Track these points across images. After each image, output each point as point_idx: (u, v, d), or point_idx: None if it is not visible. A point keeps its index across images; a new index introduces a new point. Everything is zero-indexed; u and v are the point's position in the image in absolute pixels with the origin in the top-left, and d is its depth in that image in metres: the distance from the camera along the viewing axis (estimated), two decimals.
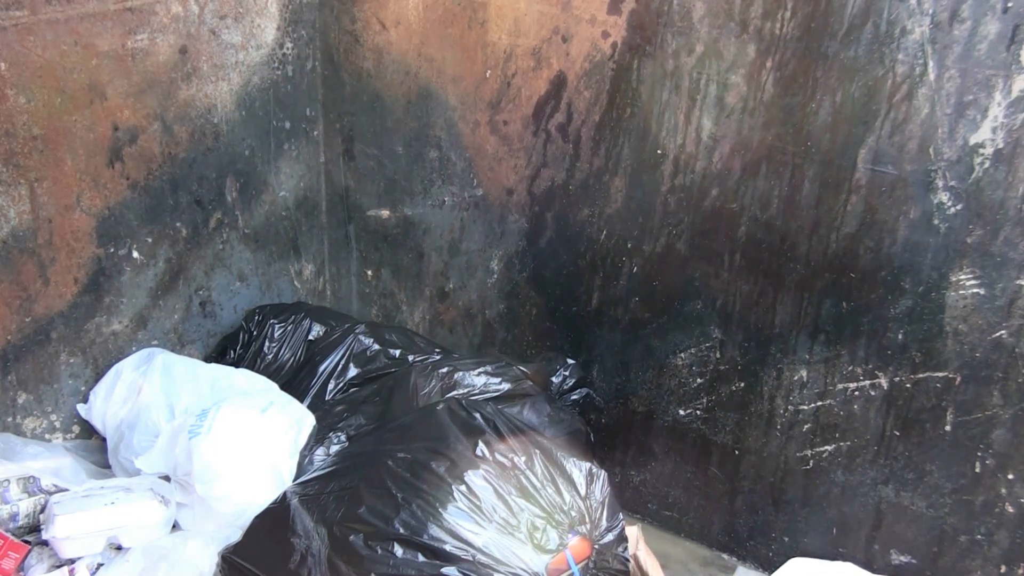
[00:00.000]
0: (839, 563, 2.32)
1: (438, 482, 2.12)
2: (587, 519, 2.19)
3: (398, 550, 2.03)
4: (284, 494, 2.30)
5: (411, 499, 2.09)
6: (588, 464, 2.25)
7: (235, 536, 2.23)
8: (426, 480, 2.13)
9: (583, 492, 2.21)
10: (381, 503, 2.11)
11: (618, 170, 2.65)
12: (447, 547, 2.03)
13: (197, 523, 2.34)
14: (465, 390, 2.68)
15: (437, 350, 2.90)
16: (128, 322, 2.71)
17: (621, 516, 2.28)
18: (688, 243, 2.60)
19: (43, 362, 2.53)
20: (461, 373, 2.72)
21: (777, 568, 2.64)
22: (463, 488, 2.10)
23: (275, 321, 2.91)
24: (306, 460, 2.47)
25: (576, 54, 2.61)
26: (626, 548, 2.26)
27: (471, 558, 2.01)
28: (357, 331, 2.89)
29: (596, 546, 2.19)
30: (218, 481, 2.31)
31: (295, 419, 2.50)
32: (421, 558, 2.02)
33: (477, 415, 2.32)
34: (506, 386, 2.73)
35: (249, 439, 2.37)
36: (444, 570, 1.99)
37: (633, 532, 2.45)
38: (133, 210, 2.63)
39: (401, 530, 2.04)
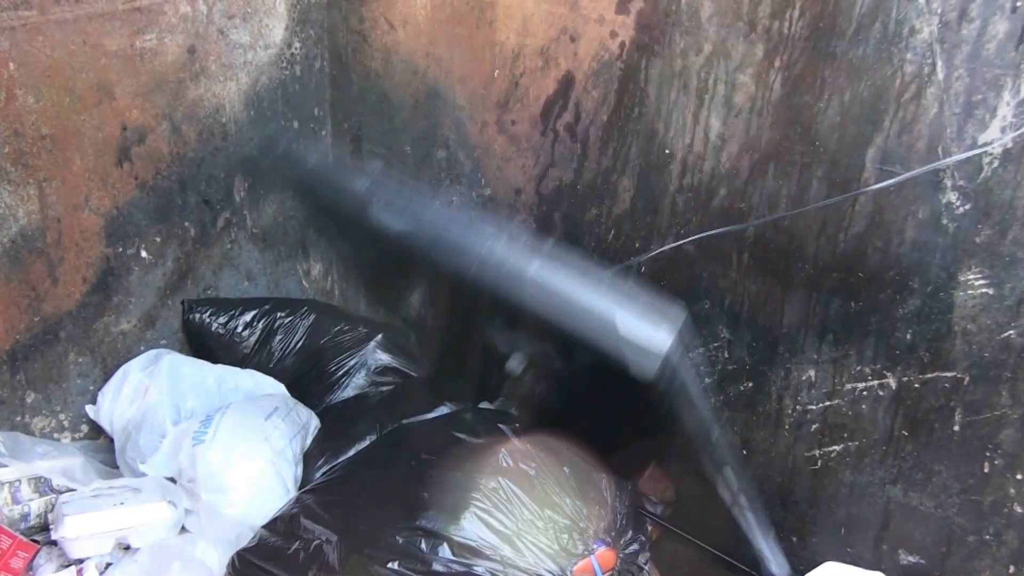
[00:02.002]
0: (871, 572, 2.31)
1: (465, 483, 2.11)
2: (612, 528, 2.19)
3: (424, 544, 2.03)
4: (297, 497, 2.29)
5: (437, 497, 2.09)
6: (615, 475, 2.25)
7: (245, 536, 2.23)
8: (452, 481, 2.12)
9: (609, 501, 2.21)
10: (405, 500, 2.10)
11: (626, 170, 2.65)
12: (474, 544, 2.02)
13: (203, 527, 2.34)
14: None
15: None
16: (136, 321, 2.71)
17: (646, 526, 2.28)
18: (696, 243, 2.60)
19: (52, 361, 2.54)
20: None
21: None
22: (490, 490, 2.10)
23: (282, 316, 2.91)
24: (312, 463, 2.47)
25: (584, 54, 2.61)
26: (648, 559, 2.26)
27: (499, 557, 2.01)
28: (367, 332, 2.90)
29: (621, 555, 2.19)
30: (223, 489, 2.32)
31: (300, 423, 2.51)
32: (448, 553, 2.02)
33: (501, 424, 2.31)
34: None
35: (253, 447, 2.37)
36: (475, 569, 1.99)
37: None
38: (141, 210, 2.64)
39: (428, 525, 2.04)
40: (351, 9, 2.97)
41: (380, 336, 2.91)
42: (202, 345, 2.86)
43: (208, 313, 2.85)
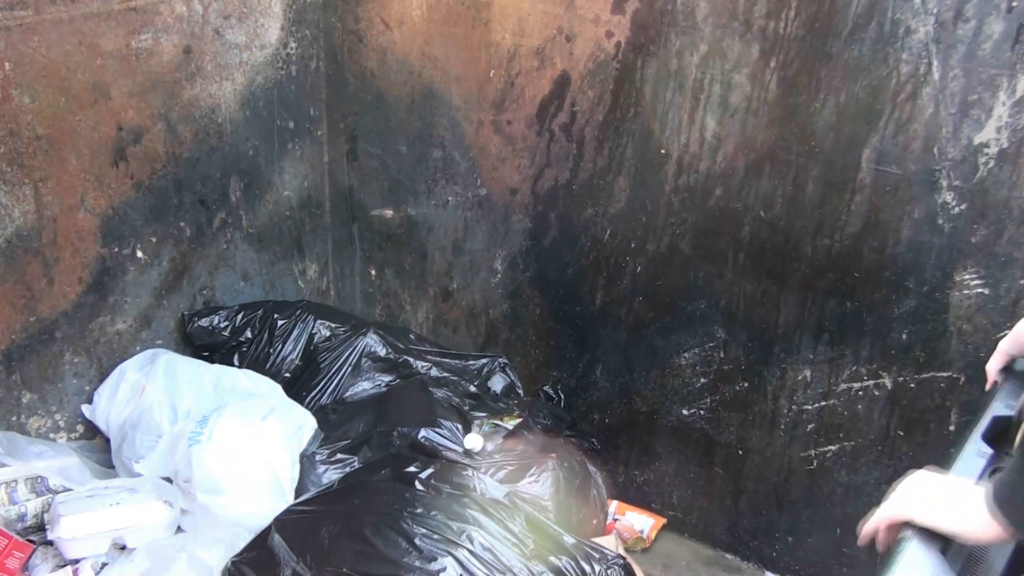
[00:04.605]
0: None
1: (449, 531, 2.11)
2: None
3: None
4: (288, 509, 2.28)
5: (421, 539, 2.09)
6: None
7: (240, 536, 2.23)
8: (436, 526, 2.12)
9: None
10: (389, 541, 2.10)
11: (622, 170, 2.65)
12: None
13: (199, 527, 2.34)
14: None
15: (437, 357, 2.96)
16: (132, 322, 2.71)
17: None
18: (692, 243, 2.60)
19: (48, 361, 2.53)
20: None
21: (781, 568, 2.65)
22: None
23: (278, 318, 2.91)
24: (309, 465, 2.47)
25: (580, 54, 2.61)
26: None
27: None
28: (362, 332, 2.90)
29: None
30: (219, 490, 2.31)
31: (296, 425, 2.50)
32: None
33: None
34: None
35: (249, 448, 2.37)
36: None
37: (611, 540, 2.45)
38: (137, 210, 2.63)
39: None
40: (347, 9, 2.97)
41: (375, 334, 2.91)
42: (203, 352, 2.87)
43: (207, 320, 2.86)
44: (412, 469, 2.29)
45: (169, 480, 2.41)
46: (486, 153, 2.88)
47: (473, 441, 2.56)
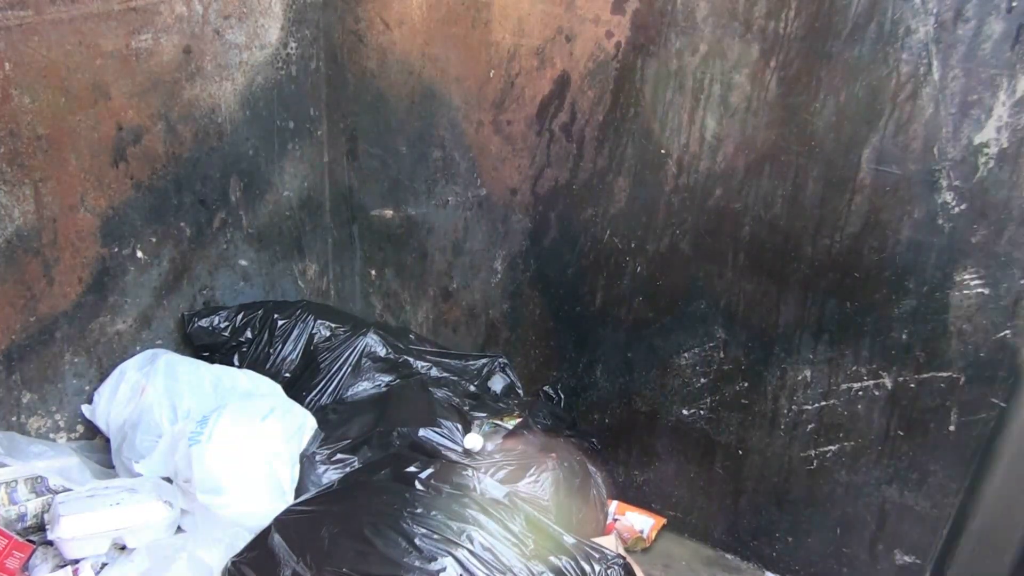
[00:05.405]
0: None
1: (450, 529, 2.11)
2: None
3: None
4: (288, 509, 2.28)
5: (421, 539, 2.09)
6: None
7: (240, 536, 2.23)
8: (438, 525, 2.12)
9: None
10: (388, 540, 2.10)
11: (622, 170, 2.65)
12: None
13: (199, 527, 2.34)
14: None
15: (437, 357, 2.96)
16: (132, 322, 2.71)
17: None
18: (692, 243, 2.60)
19: (47, 362, 2.53)
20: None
21: (781, 568, 2.64)
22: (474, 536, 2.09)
23: (278, 318, 2.91)
24: (309, 465, 2.47)
25: (580, 54, 2.61)
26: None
27: None
28: (362, 332, 2.90)
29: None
30: (219, 490, 2.31)
31: (296, 425, 2.50)
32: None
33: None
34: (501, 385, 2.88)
35: (249, 448, 2.37)
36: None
37: (611, 540, 2.46)
38: (137, 210, 2.63)
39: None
40: (347, 9, 2.96)
41: (375, 334, 2.91)
42: (203, 352, 2.87)
43: (207, 320, 2.86)
44: (412, 469, 2.29)
45: (169, 480, 2.41)
46: (486, 153, 2.88)
47: (473, 441, 2.56)
